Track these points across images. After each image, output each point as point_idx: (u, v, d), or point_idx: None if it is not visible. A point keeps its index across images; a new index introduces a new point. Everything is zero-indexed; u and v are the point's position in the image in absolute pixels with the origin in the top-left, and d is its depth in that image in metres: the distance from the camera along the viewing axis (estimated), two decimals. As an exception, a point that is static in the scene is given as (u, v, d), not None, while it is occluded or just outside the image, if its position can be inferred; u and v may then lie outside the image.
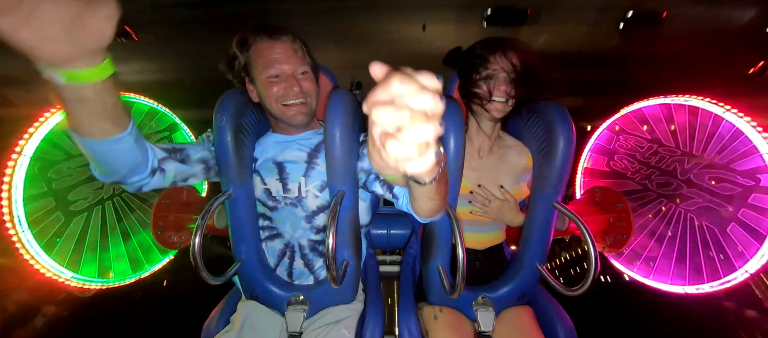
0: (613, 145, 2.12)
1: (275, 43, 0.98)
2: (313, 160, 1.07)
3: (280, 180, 1.08)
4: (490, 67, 1.05)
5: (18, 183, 1.65)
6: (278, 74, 0.99)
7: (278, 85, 0.99)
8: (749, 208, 1.67)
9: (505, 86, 1.04)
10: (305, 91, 1.02)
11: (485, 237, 1.26)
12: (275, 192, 1.09)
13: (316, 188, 1.07)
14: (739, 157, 1.69)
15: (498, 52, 1.04)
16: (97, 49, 0.52)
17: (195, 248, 0.88)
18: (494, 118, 1.09)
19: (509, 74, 1.04)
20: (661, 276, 1.88)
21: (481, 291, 1.16)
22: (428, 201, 0.76)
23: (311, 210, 1.09)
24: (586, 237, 0.95)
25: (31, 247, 1.70)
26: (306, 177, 1.07)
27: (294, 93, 1.00)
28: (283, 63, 0.98)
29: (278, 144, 1.10)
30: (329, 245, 0.82)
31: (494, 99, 1.05)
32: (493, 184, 1.19)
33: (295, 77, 1.00)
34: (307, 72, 1.03)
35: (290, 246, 1.12)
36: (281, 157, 1.08)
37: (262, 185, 1.09)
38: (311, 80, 1.05)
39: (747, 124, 1.64)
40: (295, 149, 1.08)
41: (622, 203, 1.69)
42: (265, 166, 1.09)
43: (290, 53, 0.99)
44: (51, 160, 1.77)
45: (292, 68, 0.99)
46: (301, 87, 1.00)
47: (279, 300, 1.09)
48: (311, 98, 1.05)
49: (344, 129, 0.93)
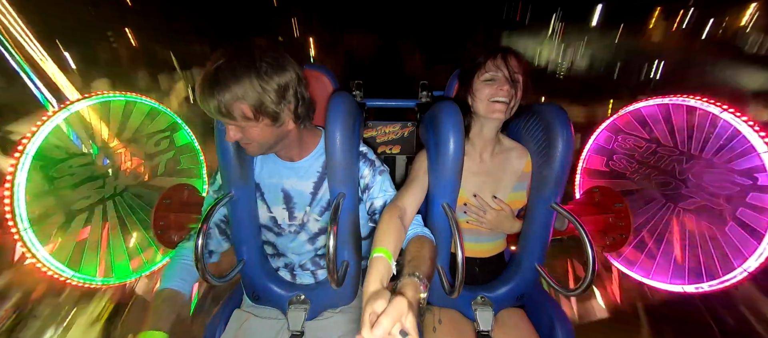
0: (612, 144, 2.13)
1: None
2: (317, 191, 1.08)
3: (286, 209, 1.09)
4: (490, 71, 1.08)
5: (20, 181, 1.65)
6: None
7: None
8: (747, 207, 1.68)
9: (508, 87, 1.06)
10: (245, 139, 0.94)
11: (485, 246, 1.26)
12: (281, 220, 1.10)
13: (317, 213, 1.09)
14: (737, 156, 1.70)
15: (497, 56, 1.08)
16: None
17: (197, 250, 0.89)
18: (497, 120, 1.10)
19: (509, 77, 1.07)
20: (660, 276, 1.89)
21: (480, 291, 1.17)
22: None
23: (313, 233, 1.11)
24: (584, 238, 0.96)
25: (33, 246, 1.71)
26: (310, 206, 1.08)
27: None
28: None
29: (283, 170, 1.08)
30: (330, 246, 0.83)
31: (497, 100, 1.07)
32: (491, 190, 1.19)
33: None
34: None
35: (291, 265, 1.16)
36: (288, 185, 1.08)
37: (268, 213, 1.10)
38: (246, 129, 0.91)
39: (744, 123, 1.64)
40: (300, 178, 1.07)
41: (621, 203, 1.70)
42: (271, 193, 1.09)
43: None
44: (53, 158, 1.78)
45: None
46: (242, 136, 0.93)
47: (281, 300, 1.11)
48: (246, 141, 0.94)
49: (345, 131, 0.94)
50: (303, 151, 1.07)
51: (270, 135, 0.92)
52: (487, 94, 1.09)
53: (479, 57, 1.11)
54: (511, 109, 1.10)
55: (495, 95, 1.07)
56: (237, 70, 0.82)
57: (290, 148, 1.04)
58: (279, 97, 0.87)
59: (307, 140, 1.07)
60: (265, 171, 1.09)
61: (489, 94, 1.08)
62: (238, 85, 0.82)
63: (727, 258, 1.72)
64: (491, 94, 1.08)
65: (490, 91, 1.08)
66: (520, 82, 1.08)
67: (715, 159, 1.76)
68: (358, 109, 1.09)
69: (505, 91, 1.06)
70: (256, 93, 0.83)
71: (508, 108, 1.09)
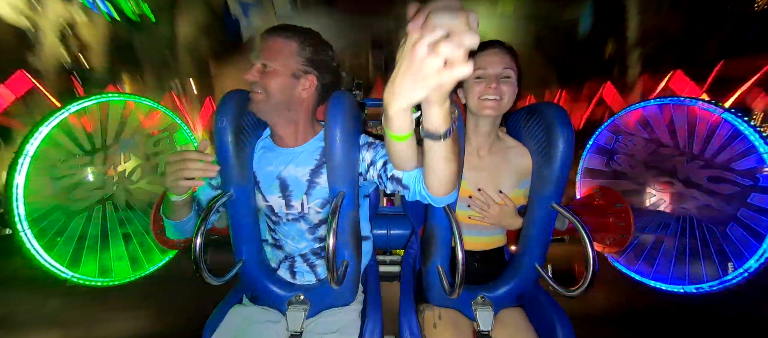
0: (613, 144, 2.13)
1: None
2: (314, 179, 1.06)
3: (282, 198, 1.08)
4: (479, 68, 1.10)
5: (19, 182, 1.65)
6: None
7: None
8: (748, 208, 1.68)
9: (495, 84, 1.08)
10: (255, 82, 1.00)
11: (485, 240, 1.26)
12: (278, 209, 1.09)
13: (318, 205, 1.07)
14: (738, 156, 1.69)
15: (485, 52, 1.11)
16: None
17: (196, 249, 0.88)
18: (489, 116, 1.11)
19: (498, 73, 1.09)
20: (661, 276, 1.89)
21: (480, 291, 1.17)
22: (445, 165, 0.75)
23: (314, 223, 1.10)
24: (585, 238, 0.96)
25: (32, 246, 1.71)
26: (307, 195, 1.07)
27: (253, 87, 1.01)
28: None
29: (280, 157, 1.08)
30: (330, 245, 0.82)
31: (486, 97, 1.09)
32: (494, 185, 1.19)
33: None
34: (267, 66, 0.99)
35: (291, 257, 1.14)
36: (284, 172, 1.07)
37: (265, 202, 1.09)
38: (268, 73, 0.98)
39: (746, 123, 1.64)
40: (297, 165, 1.07)
41: (621, 203, 1.70)
42: (267, 182, 1.08)
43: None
44: (53, 159, 1.78)
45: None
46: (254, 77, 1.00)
47: (280, 300, 1.10)
48: (259, 88, 0.99)
49: (345, 130, 0.94)
50: (301, 137, 1.08)
51: (283, 91, 0.99)
52: (477, 91, 1.11)
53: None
54: (505, 105, 1.11)
55: (484, 93, 1.09)
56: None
57: (293, 124, 1.06)
58: (313, 55, 1.01)
59: (308, 127, 1.09)
60: (263, 161, 1.10)
61: (479, 92, 1.10)
62: (291, 29, 1.00)
63: (728, 259, 1.72)
64: (481, 91, 1.10)
65: (480, 88, 1.10)
66: (511, 76, 1.10)
67: (716, 159, 1.76)
68: (358, 108, 1.09)
69: (493, 88, 1.08)
70: (299, 42, 0.99)
71: (499, 104, 1.10)
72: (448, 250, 1.10)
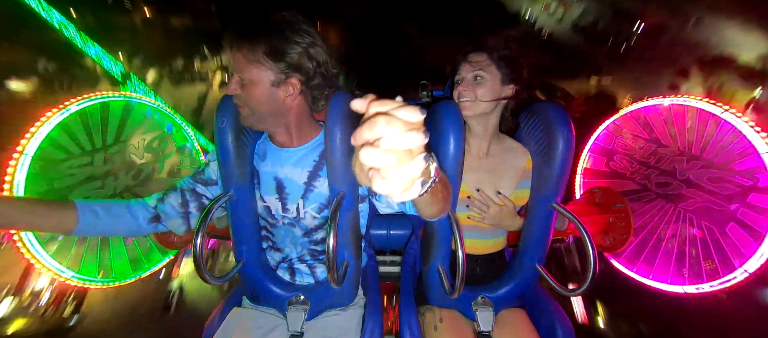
0: (613, 145, 2.13)
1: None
2: (312, 182, 1.05)
3: (279, 199, 1.07)
4: (460, 71, 1.16)
5: (19, 182, 1.65)
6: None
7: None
8: (748, 208, 1.68)
9: (463, 87, 1.13)
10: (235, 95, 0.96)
11: (486, 243, 1.26)
12: (274, 210, 1.08)
13: (315, 210, 1.06)
14: (737, 156, 1.70)
15: (463, 57, 1.16)
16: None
17: (196, 249, 0.88)
18: (467, 116, 1.15)
19: (471, 77, 1.13)
20: (661, 276, 1.89)
21: (481, 291, 1.17)
22: (428, 207, 0.76)
23: (310, 228, 1.09)
24: (585, 237, 0.96)
25: (32, 246, 1.71)
26: (304, 199, 1.05)
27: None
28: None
29: (278, 158, 1.07)
30: (330, 246, 0.82)
31: (462, 98, 1.14)
32: (493, 186, 1.19)
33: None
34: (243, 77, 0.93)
35: (289, 259, 1.14)
36: (281, 173, 1.06)
37: (262, 202, 1.08)
38: (246, 86, 0.93)
39: (745, 124, 1.64)
40: (295, 165, 1.05)
41: (621, 203, 1.70)
42: (265, 182, 1.08)
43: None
44: (53, 159, 1.77)
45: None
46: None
47: (280, 301, 1.10)
48: (241, 102, 0.95)
49: (345, 130, 0.93)
50: (299, 139, 1.05)
51: (266, 103, 0.94)
52: (456, 94, 1.16)
53: (458, 57, 1.19)
54: (481, 105, 1.12)
55: (460, 95, 1.14)
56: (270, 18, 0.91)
57: (288, 130, 1.03)
58: (289, 56, 0.91)
59: (306, 129, 1.06)
60: (262, 162, 1.09)
61: (457, 94, 1.15)
62: (257, 30, 0.90)
63: (728, 259, 1.72)
64: (458, 93, 1.15)
65: (457, 91, 1.15)
66: (484, 77, 1.12)
67: (716, 159, 1.76)
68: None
69: (462, 90, 1.13)
70: (268, 46, 0.89)
71: (474, 104, 1.12)
72: (448, 250, 1.10)
